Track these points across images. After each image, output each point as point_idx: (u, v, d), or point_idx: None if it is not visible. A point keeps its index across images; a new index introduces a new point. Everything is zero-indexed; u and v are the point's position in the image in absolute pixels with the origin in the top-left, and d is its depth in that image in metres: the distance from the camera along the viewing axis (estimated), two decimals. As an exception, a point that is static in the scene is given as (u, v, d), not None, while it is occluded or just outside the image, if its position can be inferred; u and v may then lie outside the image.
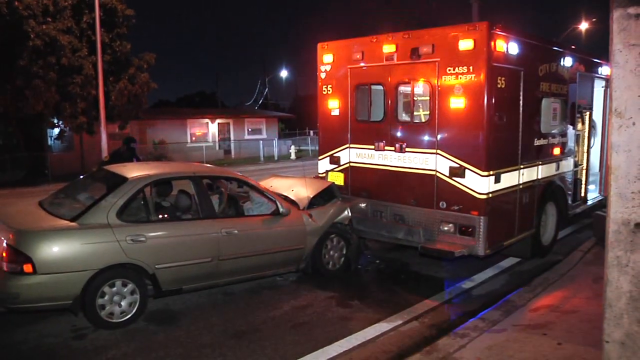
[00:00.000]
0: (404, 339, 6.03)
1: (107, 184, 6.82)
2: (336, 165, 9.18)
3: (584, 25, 36.09)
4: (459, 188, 7.54)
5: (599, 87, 11.14)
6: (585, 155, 10.71)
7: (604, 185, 11.45)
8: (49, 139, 29.56)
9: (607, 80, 10.92)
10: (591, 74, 10.58)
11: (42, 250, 5.79)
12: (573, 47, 10.47)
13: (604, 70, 10.90)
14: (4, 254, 5.84)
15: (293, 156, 36.65)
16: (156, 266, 6.41)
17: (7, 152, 24.80)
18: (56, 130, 27.26)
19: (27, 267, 5.69)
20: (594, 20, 35.54)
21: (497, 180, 7.55)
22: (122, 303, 6.24)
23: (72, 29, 22.99)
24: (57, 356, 5.64)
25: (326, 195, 8.45)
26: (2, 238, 6.00)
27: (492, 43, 7.20)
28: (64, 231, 6.01)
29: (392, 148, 8.28)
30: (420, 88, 8.01)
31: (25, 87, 21.24)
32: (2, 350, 5.80)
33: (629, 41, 3.57)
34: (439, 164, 7.73)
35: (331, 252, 8.20)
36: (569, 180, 9.91)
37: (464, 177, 7.48)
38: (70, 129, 25.38)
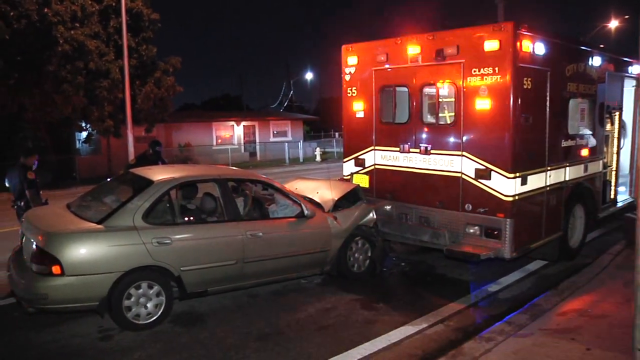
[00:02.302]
0: (429, 343, 5.98)
1: (133, 187, 6.89)
2: (361, 168, 9.15)
3: (614, 24, 35.37)
4: (484, 190, 7.46)
5: (629, 87, 10.92)
6: (615, 156, 10.50)
7: (634, 187, 11.23)
8: (76, 142, 30.03)
9: (638, 79, 10.71)
10: (621, 74, 10.38)
11: (70, 252, 5.87)
12: (602, 46, 10.29)
13: (635, 69, 10.69)
14: (33, 256, 5.95)
15: (318, 158, 36.68)
16: (181, 268, 6.45)
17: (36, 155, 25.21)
18: (84, 134, 27.70)
19: (56, 269, 5.78)
20: (626, 17, 34.76)
21: (524, 182, 7.45)
22: (148, 305, 6.30)
23: (100, 34, 23.38)
24: (84, 356, 5.72)
25: (351, 197, 8.42)
26: (32, 240, 6.11)
27: (518, 43, 7.11)
28: (91, 233, 6.08)
29: (417, 150, 8.23)
30: (445, 89, 7.95)
31: (54, 91, 21.61)
32: (31, 349, 5.90)
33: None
34: (464, 165, 7.66)
35: (356, 255, 8.17)
36: (598, 182, 9.73)
37: (489, 179, 7.40)
38: (97, 132, 25.76)
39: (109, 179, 8.53)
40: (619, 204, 10.83)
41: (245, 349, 5.81)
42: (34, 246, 6.00)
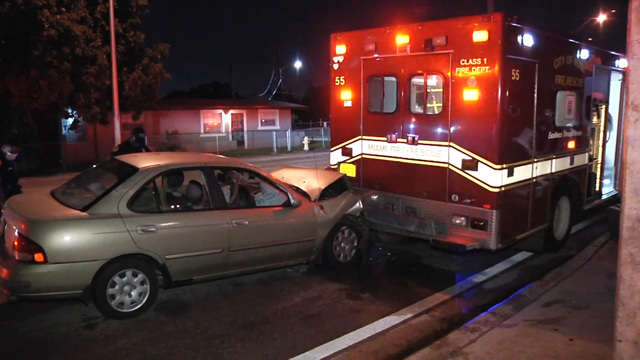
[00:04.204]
0: (414, 333, 6.00)
1: (118, 174, 6.84)
2: (348, 157, 9.13)
3: (602, 17, 35.55)
4: (471, 181, 7.47)
5: (615, 80, 10.98)
6: (600, 149, 10.58)
7: (619, 180, 11.30)
8: (63, 129, 29.75)
9: (624, 73, 10.76)
10: (608, 67, 10.42)
11: (53, 239, 5.81)
12: (590, 39, 10.31)
13: (621, 63, 10.74)
14: (16, 243, 5.88)
15: (306, 147, 36.61)
16: (166, 256, 6.42)
17: (22, 142, 24.93)
18: (70, 120, 27.42)
19: (39, 256, 5.73)
20: (613, 11, 34.96)
21: (510, 174, 7.47)
22: (132, 293, 6.26)
23: (86, 19, 23.09)
24: (68, 345, 5.67)
25: (338, 187, 8.41)
26: (14, 227, 6.04)
27: (507, 34, 7.10)
28: (75, 221, 6.03)
29: (405, 140, 8.22)
30: (433, 80, 7.94)
31: (40, 77, 21.35)
32: (14, 338, 5.85)
33: (648, 32, 3.48)
34: (451, 156, 7.66)
35: (342, 244, 8.18)
36: (584, 174, 9.78)
37: (476, 170, 7.41)
38: (84, 119, 25.55)
39: (94, 166, 8.46)
40: (604, 197, 10.92)
41: (230, 338, 5.80)
42: (16, 233, 5.93)
